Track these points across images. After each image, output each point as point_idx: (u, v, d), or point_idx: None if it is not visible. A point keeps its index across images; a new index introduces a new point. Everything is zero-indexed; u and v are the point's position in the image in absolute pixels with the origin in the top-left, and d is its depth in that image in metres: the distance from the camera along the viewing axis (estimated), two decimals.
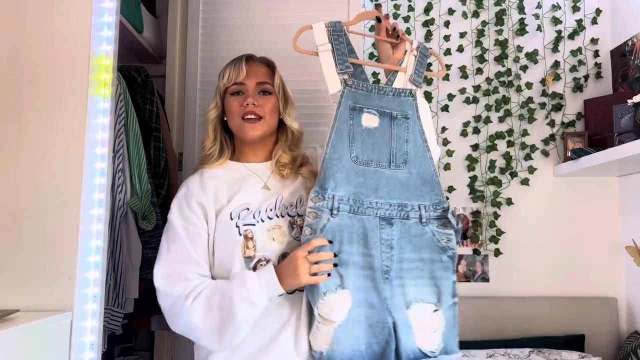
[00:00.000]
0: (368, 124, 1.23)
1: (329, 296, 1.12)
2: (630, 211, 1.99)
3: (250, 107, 1.25)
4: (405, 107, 1.26)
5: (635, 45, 1.96)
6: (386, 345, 1.14)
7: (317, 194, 1.16)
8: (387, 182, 1.21)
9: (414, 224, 1.21)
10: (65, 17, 1.19)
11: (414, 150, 1.25)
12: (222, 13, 1.98)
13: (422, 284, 1.21)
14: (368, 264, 1.17)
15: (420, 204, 1.22)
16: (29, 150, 1.16)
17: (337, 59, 1.25)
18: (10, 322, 0.96)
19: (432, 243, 1.22)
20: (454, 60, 2.13)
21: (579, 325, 1.93)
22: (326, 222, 1.15)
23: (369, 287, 1.16)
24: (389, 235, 1.19)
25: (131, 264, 1.47)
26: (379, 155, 1.22)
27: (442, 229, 1.23)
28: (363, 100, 1.24)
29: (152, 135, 1.66)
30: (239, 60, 1.30)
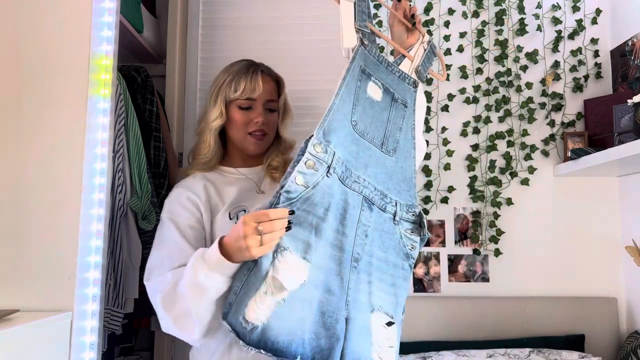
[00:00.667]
0: (372, 94, 1.13)
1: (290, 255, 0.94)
2: (630, 211, 1.99)
3: (260, 126, 1.26)
4: (406, 95, 1.19)
5: (635, 45, 1.96)
6: (335, 341, 0.97)
7: (319, 142, 1.00)
8: (377, 163, 1.10)
9: (388, 219, 1.09)
10: (65, 17, 1.19)
11: (404, 142, 1.16)
12: (222, 13, 1.98)
13: (384, 289, 1.07)
14: (339, 244, 1.00)
15: (397, 201, 1.11)
16: (29, 150, 1.16)
17: (358, 15, 1.13)
18: (10, 322, 0.96)
19: (398, 246, 1.10)
20: (454, 60, 2.13)
21: (579, 325, 1.93)
22: (320, 179, 0.99)
23: (332, 270, 0.99)
24: (367, 221, 1.06)
25: (131, 264, 1.47)
26: (374, 132, 1.11)
27: (409, 234, 1.12)
28: (372, 67, 1.14)
29: (152, 135, 1.66)
30: (254, 73, 1.27)
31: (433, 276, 2.04)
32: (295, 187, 0.96)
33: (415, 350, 1.82)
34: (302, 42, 1.91)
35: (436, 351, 1.80)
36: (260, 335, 0.92)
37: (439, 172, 2.08)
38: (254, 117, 1.26)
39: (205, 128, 1.29)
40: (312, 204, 0.98)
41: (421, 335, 1.90)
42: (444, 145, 2.09)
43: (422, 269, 2.05)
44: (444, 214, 2.07)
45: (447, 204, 2.07)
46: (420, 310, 1.95)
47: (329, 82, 1.84)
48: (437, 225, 2.07)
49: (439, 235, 2.06)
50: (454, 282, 2.05)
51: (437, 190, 2.08)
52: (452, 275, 2.05)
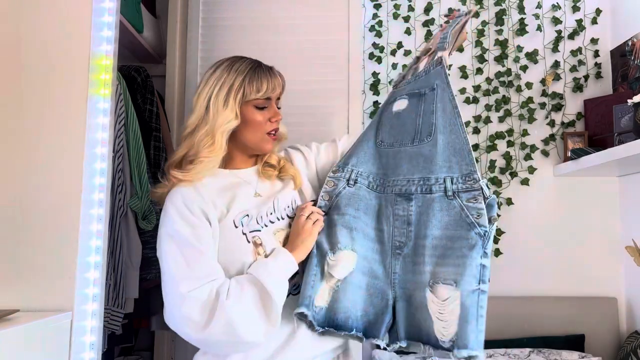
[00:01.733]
0: (397, 108, 1.26)
1: (339, 253, 1.15)
2: (630, 211, 1.99)
3: (277, 125, 1.25)
4: (434, 80, 1.22)
5: (635, 45, 1.96)
6: (381, 315, 1.14)
7: (338, 167, 1.23)
8: (410, 159, 1.19)
9: (439, 198, 1.14)
10: (65, 17, 1.19)
11: (443, 119, 1.18)
12: (222, 13, 1.98)
13: (447, 263, 1.10)
14: (378, 238, 1.19)
15: (446, 177, 1.14)
16: (29, 150, 1.15)
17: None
18: (10, 322, 0.96)
19: (460, 218, 1.11)
20: (454, 60, 2.13)
21: (579, 325, 1.93)
22: (342, 189, 1.21)
23: (375, 260, 1.18)
24: (405, 211, 1.17)
25: (131, 264, 1.47)
26: (403, 135, 1.22)
27: (472, 203, 1.11)
28: (399, 92, 1.29)
29: (152, 135, 1.66)
30: (272, 73, 1.24)
31: None
32: (323, 202, 1.22)
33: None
34: (301, 42, 1.91)
35: None
36: (324, 316, 1.13)
37: None
38: (271, 116, 1.23)
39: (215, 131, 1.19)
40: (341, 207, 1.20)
41: None
42: None
43: None
44: None
45: None
46: None
47: (329, 82, 1.85)
48: None
49: None
50: None
51: None
52: None
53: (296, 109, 1.43)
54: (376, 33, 2.14)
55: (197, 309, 1.04)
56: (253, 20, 1.94)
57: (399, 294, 1.15)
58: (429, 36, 2.13)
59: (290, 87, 1.40)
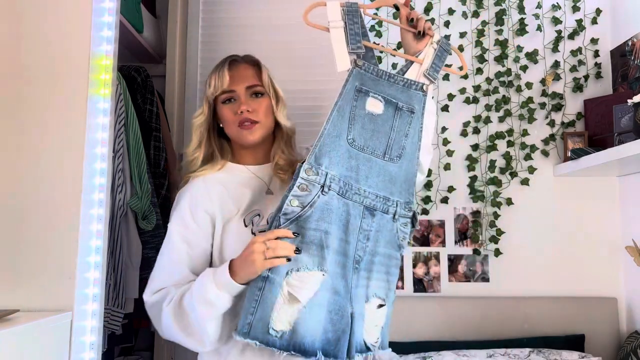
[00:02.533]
0: (372, 109, 1.19)
1: (303, 273, 1.07)
2: (630, 211, 1.99)
3: (245, 115, 1.23)
4: (413, 101, 1.22)
5: (635, 45, 1.96)
6: (341, 334, 1.10)
7: (310, 166, 1.11)
8: (379, 173, 1.18)
9: (390, 219, 1.20)
10: (65, 17, 1.19)
11: (410, 146, 1.22)
12: (222, 13, 1.98)
13: (380, 278, 1.19)
14: (343, 251, 1.13)
15: (398, 201, 1.20)
16: (29, 150, 1.16)
17: (350, 38, 1.20)
18: (10, 322, 0.96)
19: (394, 239, 1.21)
20: (454, 60, 2.13)
21: (579, 325, 1.93)
22: (316, 198, 1.10)
23: (338, 274, 1.12)
24: (369, 226, 1.17)
25: (131, 264, 1.47)
26: (376, 143, 1.19)
27: (403, 227, 1.22)
28: (371, 84, 1.19)
29: (152, 135, 1.66)
30: (221, 67, 1.27)
31: (433, 276, 2.04)
32: (292, 208, 1.09)
33: (415, 350, 1.82)
34: (302, 42, 1.91)
35: (436, 351, 1.80)
36: (289, 339, 1.05)
37: (439, 172, 2.08)
38: (237, 108, 1.24)
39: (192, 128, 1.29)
40: (316, 221, 1.10)
41: (421, 335, 1.90)
42: (444, 145, 2.09)
43: (423, 269, 2.05)
44: (444, 214, 2.07)
45: (447, 204, 2.07)
46: (420, 310, 1.95)
47: (329, 82, 1.84)
48: (437, 225, 2.07)
49: (439, 235, 2.06)
50: (454, 282, 2.05)
51: (437, 190, 2.08)
52: (452, 275, 2.05)
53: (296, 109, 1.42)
54: (376, 33, 2.14)
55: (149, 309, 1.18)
56: (253, 20, 1.94)
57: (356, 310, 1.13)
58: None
59: (290, 87, 1.40)
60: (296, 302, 1.06)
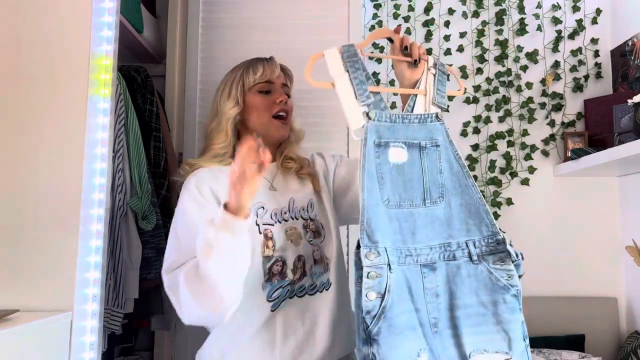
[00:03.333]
0: (396, 160, 1.09)
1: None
2: (630, 211, 1.99)
3: (283, 105, 1.25)
4: (434, 134, 1.13)
5: (635, 45, 1.96)
6: None
7: (369, 249, 0.98)
8: (425, 223, 1.07)
9: (464, 264, 1.06)
10: (65, 17, 1.19)
11: (451, 180, 1.10)
12: (222, 13, 1.98)
13: (485, 331, 1.04)
14: (419, 321, 1.01)
15: (467, 240, 1.07)
16: (29, 150, 1.16)
17: (357, 88, 1.11)
18: (10, 322, 0.96)
19: (490, 283, 1.05)
20: (454, 60, 2.13)
21: (579, 325, 1.93)
22: (387, 279, 0.98)
23: (424, 349, 1.00)
24: (433, 283, 1.04)
25: (131, 264, 1.47)
26: (411, 193, 1.08)
27: (500, 265, 1.06)
28: (387, 133, 1.10)
29: (152, 135, 1.66)
30: (268, 59, 1.30)
31: None
32: (372, 303, 0.96)
33: None
34: (302, 42, 1.91)
35: None
36: None
37: None
38: (276, 98, 1.26)
39: (221, 119, 1.25)
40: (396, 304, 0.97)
41: None
42: None
43: None
44: None
45: None
46: None
47: None
48: None
49: None
50: None
51: None
52: None
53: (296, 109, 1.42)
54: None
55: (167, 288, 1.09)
56: (253, 20, 1.94)
57: None
58: (429, 36, 2.13)
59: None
60: None
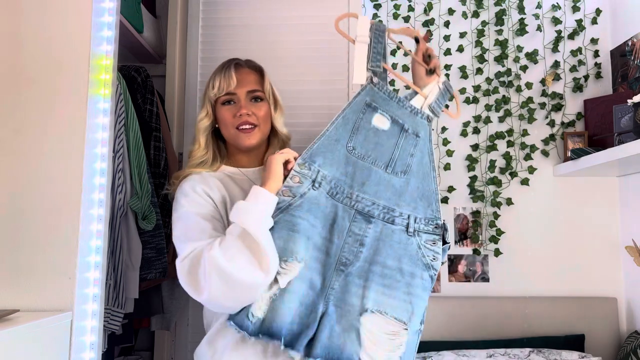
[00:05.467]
0: (378, 124, 1.23)
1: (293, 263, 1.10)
2: (630, 211, 1.99)
3: (245, 118, 1.26)
4: (419, 127, 1.25)
5: (635, 45, 1.96)
6: (305, 328, 1.08)
7: (304, 161, 1.17)
8: (378, 182, 1.20)
9: (399, 231, 1.18)
10: (65, 17, 1.19)
11: (418, 166, 1.23)
12: (222, 13, 1.98)
13: (394, 295, 1.13)
14: (325, 249, 1.14)
15: (410, 214, 1.19)
16: (29, 150, 1.16)
17: (372, 55, 1.26)
18: (10, 322, 0.96)
19: (415, 256, 1.16)
20: (454, 60, 2.13)
21: (579, 325, 1.93)
22: (307, 190, 1.15)
23: (315, 269, 1.12)
24: (362, 231, 1.16)
25: (131, 264, 1.47)
26: (378, 155, 1.21)
27: (430, 245, 1.18)
28: (381, 102, 1.24)
29: (152, 135, 1.66)
30: (227, 69, 1.29)
31: None
32: (283, 198, 1.14)
33: None
34: (301, 42, 1.91)
35: (436, 351, 1.80)
36: (260, 326, 1.07)
37: (439, 172, 2.08)
38: (237, 111, 1.26)
39: (197, 130, 1.31)
40: (304, 211, 1.14)
41: (421, 335, 1.90)
42: (444, 145, 2.09)
43: None
44: (444, 214, 2.07)
45: (447, 204, 2.07)
46: None
47: (328, 82, 1.85)
48: None
49: None
50: (454, 282, 2.05)
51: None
52: (452, 275, 2.05)
53: (296, 109, 1.43)
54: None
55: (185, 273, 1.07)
56: (253, 20, 1.94)
57: (330, 310, 1.10)
58: (429, 36, 2.13)
59: (290, 87, 1.40)
60: (273, 287, 1.08)
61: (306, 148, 1.18)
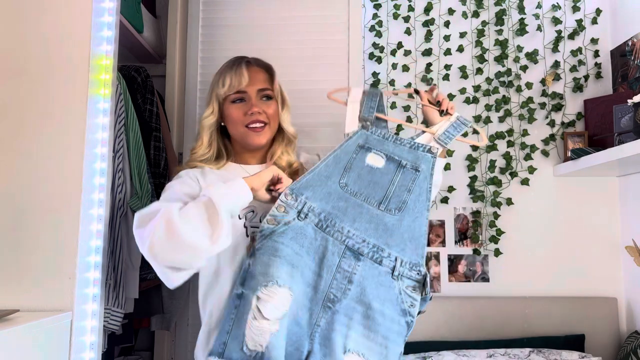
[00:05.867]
0: (372, 163, 1.21)
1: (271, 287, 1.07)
2: (630, 211, 1.99)
3: (256, 116, 1.26)
4: (420, 161, 1.22)
5: (635, 45, 1.96)
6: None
7: (291, 192, 1.15)
8: (370, 220, 1.17)
9: (385, 273, 1.14)
10: (65, 17, 1.19)
11: (414, 203, 1.20)
12: (222, 13, 1.98)
13: (372, 338, 1.12)
14: (313, 284, 1.12)
15: (398, 257, 1.16)
16: (29, 150, 1.16)
17: (364, 109, 1.26)
18: (10, 322, 0.96)
19: (396, 301, 1.14)
20: (454, 60, 2.13)
21: (579, 325, 1.93)
22: (291, 219, 1.13)
23: (303, 305, 1.11)
24: (351, 268, 1.14)
25: (131, 264, 1.47)
26: (371, 192, 1.19)
27: (409, 291, 1.15)
28: (375, 143, 1.23)
29: (152, 135, 1.66)
30: (238, 66, 1.28)
31: (433, 276, 2.04)
32: (267, 226, 1.13)
33: (415, 350, 1.82)
34: (301, 42, 1.91)
35: (436, 351, 1.80)
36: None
37: None
38: (248, 109, 1.26)
39: (201, 128, 1.30)
40: (289, 239, 1.12)
41: (421, 335, 1.90)
42: None
43: None
44: (444, 214, 2.07)
45: (447, 204, 2.07)
46: None
47: (328, 82, 1.84)
48: (437, 225, 2.07)
49: (439, 235, 2.06)
50: (454, 282, 2.05)
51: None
52: (452, 275, 2.05)
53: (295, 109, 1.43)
54: (376, 33, 2.14)
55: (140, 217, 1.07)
56: (253, 20, 1.94)
57: (315, 349, 1.09)
58: (429, 36, 2.13)
59: (290, 87, 1.40)
60: (263, 319, 1.05)
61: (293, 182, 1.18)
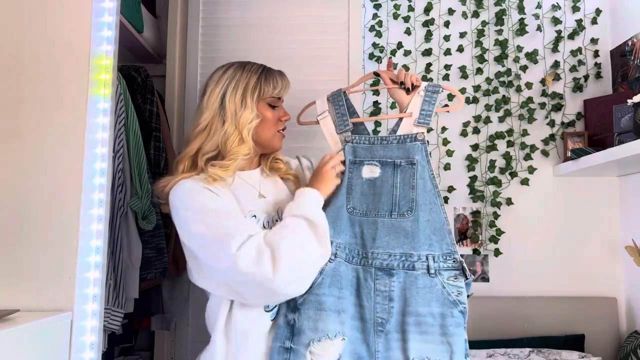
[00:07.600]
0: (369, 175, 1.24)
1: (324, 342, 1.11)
2: (630, 211, 1.99)
3: (285, 123, 1.31)
4: (412, 153, 1.23)
5: (635, 45, 1.96)
6: None
7: None
8: (388, 232, 1.19)
9: (421, 275, 1.16)
10: (65, 17, 1.19)
11: (423, 197, 1.20)
12: (222, 13, 1.98)
13: (431, 340, 1.14)
14: (360, 315, 1.16)
15: (428, 254, 1.17)
16: (29, 150, 1.15)
17: (337, 121, 1.31)
18: (10, 322, 0.96)
19: (442, 296, 1.15)
20: (454, 60, 2.13)
21: (579, 325, 1.93)
22: (324, 266, 1.15)
23: (357, 339, 1.15)
24: (387, 287, 1.16)
25: (131, 264, 1.47)
26: (379, 205, 1.21)
27: (452, 281, 1.16)
28: (364, 152, 1.25)
29: (152, 135, 1.66)
30: (280, 74, 1.31)
31: None
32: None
33: None
34: (301, 42, 1.91)
35: None
36: None
37: (439, 172, 2.08)
38: (282, 115, 1.30)
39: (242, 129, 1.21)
40: (328, 287, 1.14)
41: None
42: (444, 145, 2.09)
43: None
44: None
45: (447, 204, 2.07)
46: None
47: (328, 82, 1.85)
48: None
49: None
50: None
51: None
52: None
53: (295, 109, 1.43)
54: (376, 33, 2.15)
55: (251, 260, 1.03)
56: (253, 20, 1.94)
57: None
58: (429, 36, 2.13)
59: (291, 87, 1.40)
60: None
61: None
